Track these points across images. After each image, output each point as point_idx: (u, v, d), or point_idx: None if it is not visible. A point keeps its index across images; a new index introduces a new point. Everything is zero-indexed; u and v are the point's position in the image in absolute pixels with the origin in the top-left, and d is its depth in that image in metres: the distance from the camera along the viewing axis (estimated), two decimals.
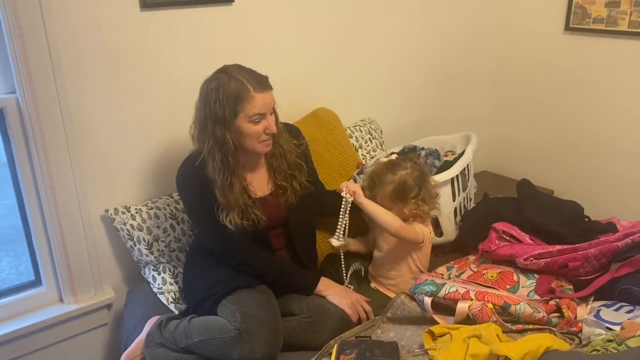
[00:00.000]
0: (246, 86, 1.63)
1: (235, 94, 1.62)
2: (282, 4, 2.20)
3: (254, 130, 1.67)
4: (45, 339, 1.93)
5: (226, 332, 1.56)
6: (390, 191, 1.79)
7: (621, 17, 2.49)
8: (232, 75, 1.65)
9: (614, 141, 2.65)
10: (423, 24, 2.71)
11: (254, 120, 1.66)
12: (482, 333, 1.43)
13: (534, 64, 2.87)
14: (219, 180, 1.68)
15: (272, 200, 1.82)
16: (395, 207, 1.80)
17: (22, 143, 1.77)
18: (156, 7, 1.89)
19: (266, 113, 1.67)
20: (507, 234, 1.90)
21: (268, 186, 1.84)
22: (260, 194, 1.80)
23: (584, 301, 1.68)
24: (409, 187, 1.79)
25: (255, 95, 1.63)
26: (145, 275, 1.97)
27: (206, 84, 1.68)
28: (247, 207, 1.72)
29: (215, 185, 1.68)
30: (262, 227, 1.75)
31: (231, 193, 1.69)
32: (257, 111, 1.65)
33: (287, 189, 1.82)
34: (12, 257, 3.02)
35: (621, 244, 1.72)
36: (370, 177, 1.85)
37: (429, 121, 2.91)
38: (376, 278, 1.93)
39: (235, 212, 1.70)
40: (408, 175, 1.80)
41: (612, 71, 2.58)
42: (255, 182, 1.80)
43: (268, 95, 1.67)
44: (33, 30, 1.65)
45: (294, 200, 1.83)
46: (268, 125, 1.68)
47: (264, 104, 1.65)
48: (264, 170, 1.84)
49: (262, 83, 1.66)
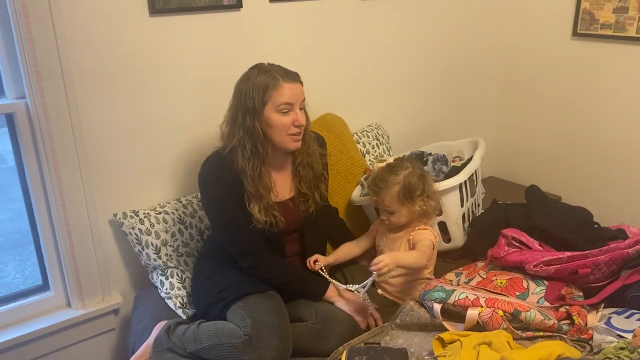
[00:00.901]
0: (275, 76, 1.67)
1: (264, 83, 1.67)
2: (290, 9, 2.21)
3: (282, 122, 1.68)
4: (52, 344, 1.93)
5: (236, 337, 1.55)
6: (397, 192, 1.79)
7: (629, 22, 2.48)
8: (262, 68, 1.71)
9: (622, 147, 2.63)
10: (431, 30, 2.71)
11: (282, 110, 1.67)
12: (492, 340, 1.42)
13: (541, 70, 2.87)
14: (249, 169, 1.69)
15: (291, 205, 1.83)
16: (405, 207, 1.80)
17: (31, 147, 1.78)
18: (165, 13, 1.90)
19: (294, 104, 1.69)
20: (516, 240, 1.89)
21: (290, 191, 1.85)
22: (280, 197, 1.81)
23: (595, 308, 1.67)
24: (414, 185, 1.80)
25: (283, 84, 1.66)
26: (153, 279, 1.97)
27: (239, 80, 1.73)
28: (268, 206, 1.73)
29: (245, 175, 1.70)
30: (279, 231, 1.75)
31: (260, 182, 1.71)
32: (285, 100, 1.66)
33: (309, 198, 1.85)
34: (18, 261, 3.03)
35: (632, 250, 1.71)
36: (374, 182, 1.85)
37: (437, 127, 2.90)
38: (382, 284, 1.92)
39: (260, 204, 1.71)
40: (411, 174, 1.81)
41: (621, 77, 2.57)
42: (279, 184, 1.81)
43: (296, 86, 1.70)
44: (43, 35, 1.66)
45: (313, 209, 1.85)
46: (296, 118, 1.69)
47: (292, 93, 1.67)
48: (288, 174, 1.85)
49: (290, 75, 1.70)
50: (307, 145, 1.83)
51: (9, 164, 1.92)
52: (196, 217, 2.02)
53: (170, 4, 1.89)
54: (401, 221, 1.84)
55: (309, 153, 1.84)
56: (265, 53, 2.16)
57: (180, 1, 1.91)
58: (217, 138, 2.09)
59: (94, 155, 1.87)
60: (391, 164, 1.86)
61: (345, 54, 2.44)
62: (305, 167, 1.84)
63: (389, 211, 1.82)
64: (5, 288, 2.65)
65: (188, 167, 2.09)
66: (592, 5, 2.59)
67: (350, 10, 2.39)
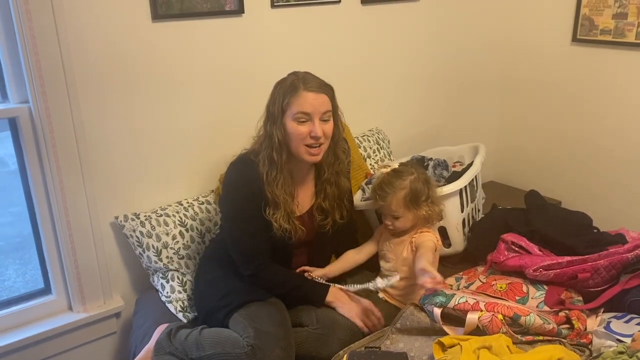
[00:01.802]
0: (297, 84, 1.65)
1: (286, 90, 1.66)
2: (291, 15, 2.22)
3: (297, 131, 1.65)
4: (54, 347, 1.93)
5: (239, 347, 1.55)
6: (404, 197, 1.80)
7: (628, 28, 2.50)
8: (294, 75, 1.70)
9: (622, 152, 2.65)
10: (431, 35, 2.72)
11: (299, 119, 1.65)
12: (492, 344, 1.42)
13: (541, 76, 2.88)
14: (265, 174, 1.69)
15: (307, 219, 1.82)
16: (411, 213, 1.82)
17: (34, 151, 1.79)
18: (167, 19, 1.91)
19: (312, 114, 1.65)
20: (516, 245, 1.90)
21: (308, 204, 1.83)
22: (298, 212, 1.79)
23: (594, 313, 1.68)
24: (420, 190, 1.81)
25: (303, 93, 1.64)
26: (154, 283, 1.98)
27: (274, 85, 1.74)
28: (287, 216, 1.72)
29: (264, 182, 1.69)
30: (291, 242, 1.75)
31: (276, 188, 1.69)
32: (301, 109, 1.64)
33: (328, 216, 1.82)
34: (19, 265, 3.03)
35: (631, 255, 1.72)
36: (380, 187, 1.84)
37: (437, 132, 2.92)
38: (383, 288, 1.92)
39: (281, 212, 1.70)
40: (417, 179, 1.82)
41: (620, 82, 2.59)
42: (299, 196, 1.80)
43: (318, 96, 1.65)
44: (46, 41, 1.67)
45: (329, 228, 1.84)
46: (313, 129, 1.64)
47: (310, 103, 1.64)
48: (309, 187, 1.83)
49: (315, 85, 1.66)
50: (337, 160, 1.79)
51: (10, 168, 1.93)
52: (197, 219, 2.03)
53: (173, 9, 1.91)
54: (406, 226, 1.85)
55: (337, 171, 1.81)
56: (267, 58, 2.18)
57: (182, 7, 1.92)
58: (219, 142, 2.12)
59: (96, 159, 1.88)
60: (397, 169, 1.86)
61: (347, 59, 2.45)
62: (332, 185, 1.81)
63: (395, 216, 1.83)
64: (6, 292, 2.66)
65: (189, 170, 2.10)
66: (592, 11, 2.60)
67: (351, 16, 2.41)
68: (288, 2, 2.19)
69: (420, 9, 2.63)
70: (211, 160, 2.09)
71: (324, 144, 1.70)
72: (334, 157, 1.79)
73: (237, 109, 2.13)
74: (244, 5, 2.06)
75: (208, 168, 2.11)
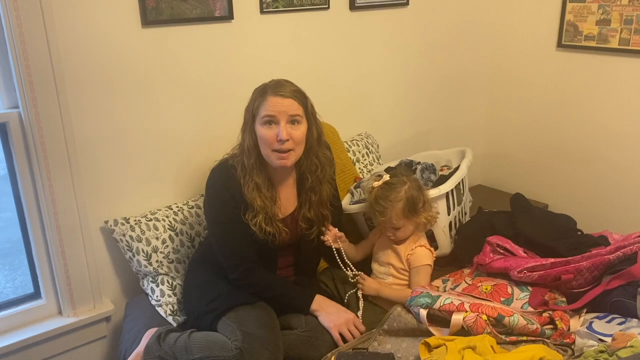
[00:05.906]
0: (267, 89, 1.70)
1: (257, 95, 1.72)
2: (281, 20, 2.25)
3: (265, 135, 1.68)
4: (44, 351, 1.94)
5: (227, 350, 1.56)
6: (402, 208, 1.82)
7: (612, 34, 2.54)
8: (270, 81, 1.73)
9: (606, 156, 2.69)
10: (419, 41, 2.76)
11: (265, 122, 1.68)
12: (476, 344, 1.45)
13: (527, 81, 2.93)
14: (240, 178, 1.73)
15: (290, 222, 1.83)
16: (410, 222, 1.85)
17: (23, 157, 1.80)
18: (157, 24, 1.93)
19: (277, 116, 1.67)
20: (501, 247, 1.93)
21: (290, 208, 1.85)
22: (282, 214, 1.81)
23: (577, 313, 1.71)
24: (416, 198, 1.84)
25: (270, 97, 1.67)
26: (144, 287, 1.99)
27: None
28: (273, 218, 1.75)
29: (242, 186, 1.73)
30: (274, 245, 1.77)
31: (252, 192, 1.72)
32: (267, 112, 1.67)
33: (313, 225, 1.85)
34: (8, 271, 3.02)
35: (613, 257, 1.75)
36: (377, 203, 1.85)
37: (426, 136, 2.95)
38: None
39: (260, 216, 1.72)
40: (411, 188, 1.84)
41: (604, 87, 2.63)
42: (282, 200, 1.82)
43: (285, 100, 1.67)
44: (36, 46, 1.69)
45: (315, 237, 1.86)
46: (279, 132, 1.66)
47: (274, 105, 1.66)
48: (291, 191, 1.85)
49: (283, 89, 1.69)
50: (318, 167, 1.81)
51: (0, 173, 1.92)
52: (187, 224, 2.04)
53: (162, 15, 1.92)
54: (407, 235, 1.89)
55: (319, 178, 1.82)
56: (256, 63, 2.20)
57: (172, 12, 1.94)
58: (208, 147, 2.13)
59: (86, 164, 1.89)
60: (388, 181, 1.87)
61: (335, 64, 2.48)
62: (317, 194, 1.82)
63: (396, 227, 1.86)
64: None
65: (178, 175, 2.12)
66: (576, 17, 2.65)
67: (340, 21, 2.43)
68: (277, 8, 2.21)
69: (409, 15, 2.67)
70: (200, 165, 2.11)
71: (294, 150, 1.71)
72: (315, 164, 1.81)
73: (227, 113, 2.15)
74: (233, 11, 2.08)
75: (197, 173, 2.13)
